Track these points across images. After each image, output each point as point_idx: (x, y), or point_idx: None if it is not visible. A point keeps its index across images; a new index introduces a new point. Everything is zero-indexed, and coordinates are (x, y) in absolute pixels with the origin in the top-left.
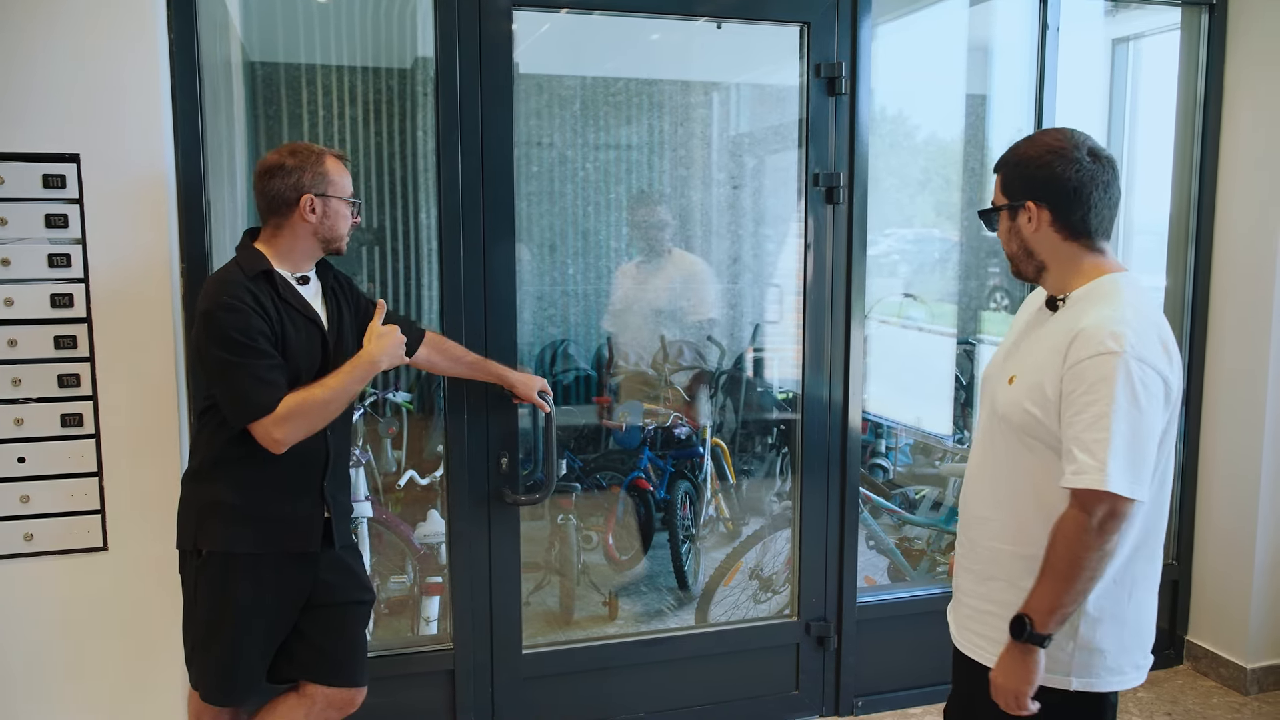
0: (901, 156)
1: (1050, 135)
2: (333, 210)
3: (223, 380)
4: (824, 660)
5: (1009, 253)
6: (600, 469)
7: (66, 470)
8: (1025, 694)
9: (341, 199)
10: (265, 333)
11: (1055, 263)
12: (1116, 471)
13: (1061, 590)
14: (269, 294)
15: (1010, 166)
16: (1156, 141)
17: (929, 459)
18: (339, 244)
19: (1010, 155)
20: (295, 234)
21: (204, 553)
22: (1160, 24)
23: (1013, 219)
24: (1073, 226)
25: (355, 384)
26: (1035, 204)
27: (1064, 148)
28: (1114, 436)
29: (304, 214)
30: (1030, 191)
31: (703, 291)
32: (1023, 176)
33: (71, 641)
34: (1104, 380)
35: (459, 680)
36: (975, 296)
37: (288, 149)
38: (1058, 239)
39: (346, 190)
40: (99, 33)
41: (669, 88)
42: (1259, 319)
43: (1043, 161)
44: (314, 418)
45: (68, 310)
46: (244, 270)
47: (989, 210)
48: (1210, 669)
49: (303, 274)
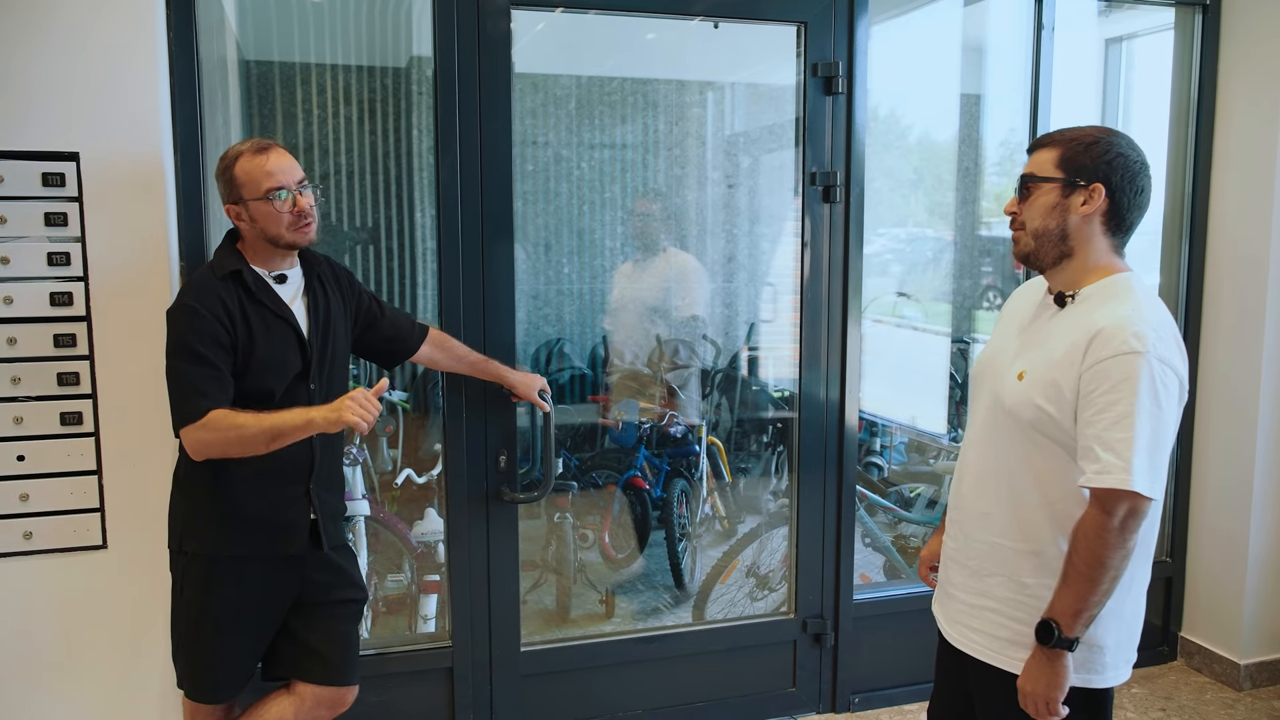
0: (895, 156)
1: (1113, 130)
2: (256, 212)
3: (169, 379)
4: (820, 657)
5: (1039, 229)
6: (596, 467)
7: (66, 468)
8: (1057, 699)
9: (256, 200)
10: (220, 340)
11: (1082, 253)
12: (1140, 471)
13: (1087, 592)
14: (237, 295)
15: (1079, 145)
16: (1150, 141)
17: (924, 457)
18: (287, 239)
19: (1076, 134)
20: (248, 238)
21: (189, 552)
22: (1154, 24)
23: (1065, 196)
24: (1122, 222)
25: (290, 431)
26: (1104, 188)
27: (1133, 144)
28: (1138, 436)
29: (239, 222)
30: (1102, 175)
31: (698, 290)
32: (1097, 158)
33: (71, 639)
34: (1128, 380)
35: (457, 678)
36: (969, 295)
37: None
38: (1100, 229)
39: (261, 188)
40: (98, 32)
41: (664, 87)
42: (1252, 317)
43: (1120, 150)
44: (230, 441)
45: (67, 308)
46: (215, 271)
47: (1036, 178)
48: (1204, 665)
49: (279, 272)
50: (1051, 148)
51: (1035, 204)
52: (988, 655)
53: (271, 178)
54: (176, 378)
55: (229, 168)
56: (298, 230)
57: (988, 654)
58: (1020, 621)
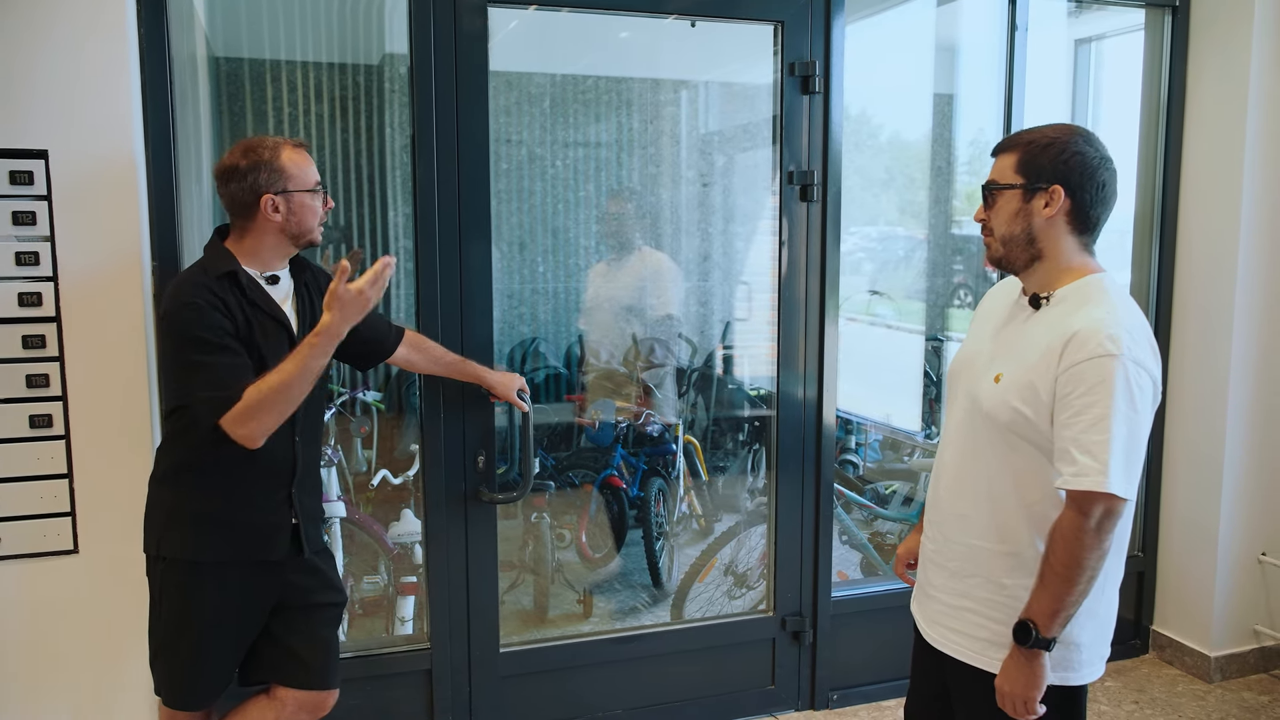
0: (866, 155)
1: (1073, 126)
2: (296, 205)
3: (189, 380)
4: (799, 655)
5: (1006, 236)
6: (573, 467)
7: (36, 472)
8: (1034, 699)
9: (304, 191)
10: (229, 330)
11: (1052, 255)
12: (1116, 473)
13: (1064, 593)
14: (234, 295)
15: (1035, 147)
16: (1120, 141)
17: (898, 454)
18: (310, 236)
19: (1033, 136)
20: (262, 233)
21: (168, 558)
22: (1124, 25)
23: (1026, 200)
24: (1087, 220)
25: (316, 359)
26: (1062, 189)
27: (1093, 140)
28: (1114, 439)
29: (267, 214)
30: (1060, 176)
31: (673, 289)
32: (1053, 159)
33: (42, 645)
34: (1103, 382)
35: (436, 680)
36: (941, 294)
37: (241, 148)
38: (1066, 230)
39: (308, 181)
40: (68, 27)
41: (639, 85)
42: (1221, 315)
43: (1077, 149)
44: (278, 405)
45: (36, 309)
46: (208, 271)
47: (997, 186)
48: (1175, 658)
49: (272, 273)
50: (1010, 153)
51: (1000, 211)
52: (967, 656)
53: (315, 171)
54: (201, 372)
55: (274, 158)
56: (319, 228)
57: (967, 654)
58: (999, 622)
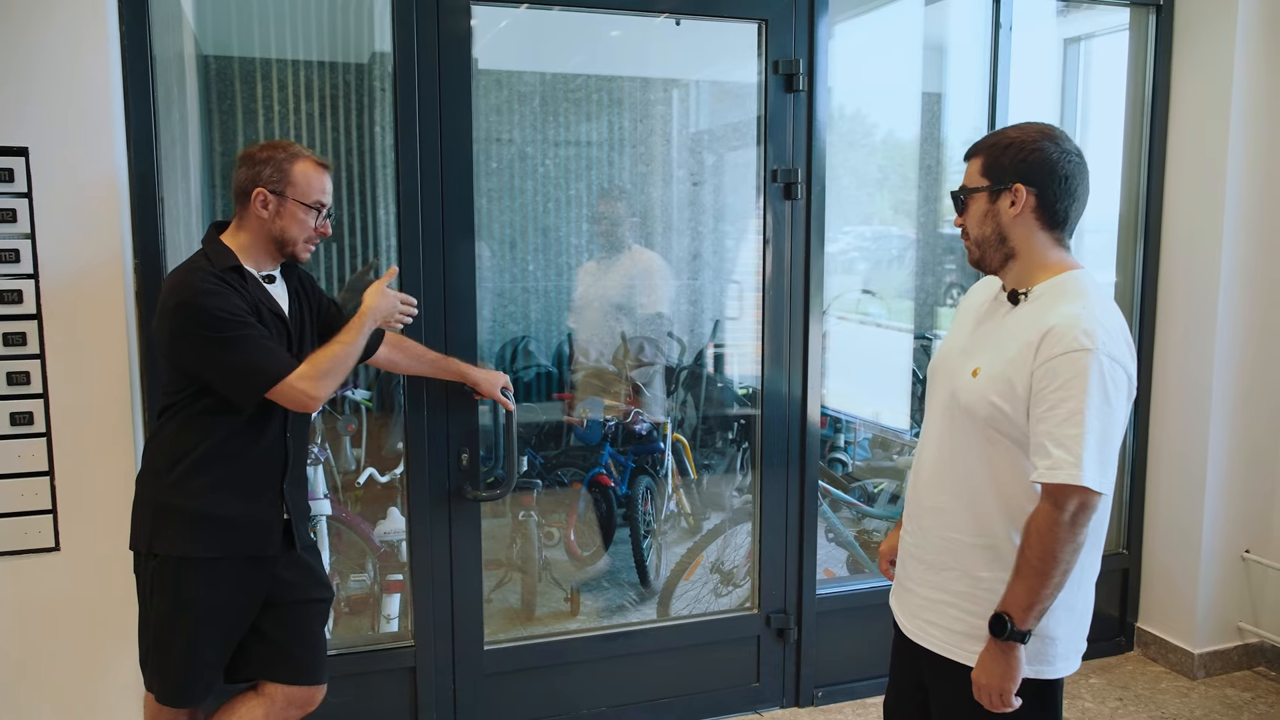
0: (859, 155)
1: (1038, 125)
2: (287, 211)
3: (226, 360)
4: (784, 652)
5: (979, 237)
6: (561, 465)
7: (17, 469)
8: (1010, 691)
9: (300, 202)
10: (248, 310)
11: (1025, 252)
12: (1090, 466)
13: (1039, 585)
14: (240, 288)
15: (997, 149)
16: (1106, 140)
17: (887, 452)
18: (292, 248)
19: (995, 139)
20: (251, 229)
21: (159, 555)
22: (1110, 24)
23: (993, 201)
24: (1055, 215)
25: (363, 339)
26: (1025, 187)
27: (1056, 136)
28: (1088, 433)
29: (256, 208)
30: (1020, 174)
31: (663, 288)
32: (1014, 159)
33: (23, 643)
34: (1078, 377)
35: (421, 677)
36: (932, 293)
37: (268, 143)
38: (1035, 226)
39: (309, 195)
40: (49, 24)
41: (628, 84)
42: (1204, 313)
43: (1036, 146)
44: (343, 369)
45: (17, 306)
46: (214, 264)
47: (966, 191)
48: (1159, 655)
49: (268, 273)
50: (977, 156)
51: (971, 214)
52: (944, 648)
53: (325, 194)
54: (242, 347)
55: (288, 161)
56: (307, 246)
57: (944, 647)
58: (975, 615)
